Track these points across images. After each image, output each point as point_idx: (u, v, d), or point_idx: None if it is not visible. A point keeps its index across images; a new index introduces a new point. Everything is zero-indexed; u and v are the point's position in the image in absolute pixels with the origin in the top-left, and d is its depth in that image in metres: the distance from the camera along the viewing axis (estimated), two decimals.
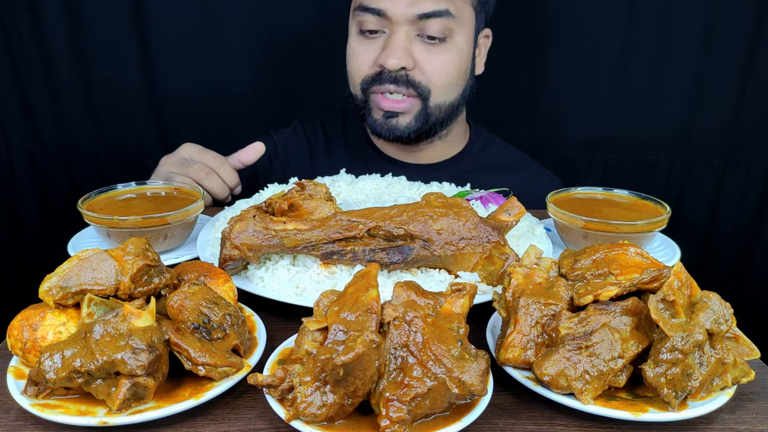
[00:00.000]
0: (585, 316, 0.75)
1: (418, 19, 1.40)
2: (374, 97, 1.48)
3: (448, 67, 1.46)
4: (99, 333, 0.69)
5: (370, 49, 1.45)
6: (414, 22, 1.40)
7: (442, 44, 1.44)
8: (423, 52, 1.43)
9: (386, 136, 1.52)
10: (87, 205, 1.15)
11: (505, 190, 1.33)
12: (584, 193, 1.26)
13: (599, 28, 1.91)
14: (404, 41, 1.41)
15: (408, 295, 0.73)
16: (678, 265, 0.76)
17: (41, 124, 1.92)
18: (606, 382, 0.73)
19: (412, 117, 1.48)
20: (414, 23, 1.40)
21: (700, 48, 1.91)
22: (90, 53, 1.86)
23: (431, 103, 1.48)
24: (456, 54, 1.46)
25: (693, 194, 2.07)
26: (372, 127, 1.53)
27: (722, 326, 0.73)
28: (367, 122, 1.53)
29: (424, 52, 1.43)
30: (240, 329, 0.80)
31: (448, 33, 1.43)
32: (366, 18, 1.42)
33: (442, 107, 1.50)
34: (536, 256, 0.87)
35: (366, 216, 0.97)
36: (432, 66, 1.44)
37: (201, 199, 1.17)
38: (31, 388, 0.71)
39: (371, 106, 1.50)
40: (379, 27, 1.43)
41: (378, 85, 1.45)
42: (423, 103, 1.47)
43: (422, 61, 1.43)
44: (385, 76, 1.43)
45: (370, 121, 1.52)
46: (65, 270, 0.77)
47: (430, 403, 0.67)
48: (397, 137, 1.51)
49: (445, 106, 1.50)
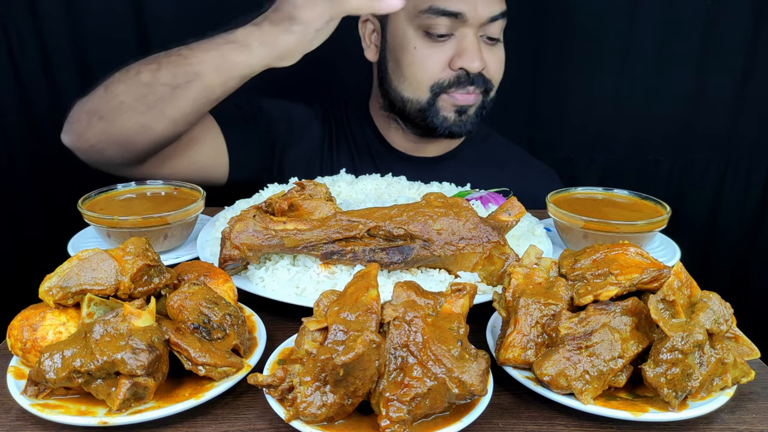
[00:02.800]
0: (585, 316, 0.75)
1: (488, 21, 1.44)
2: (446, 97, 1.51)
3: (503, 64, 1.54)
4: (99, 333, 0.69)
5: (440, 51, 1.47)
6: (484, 23, 1.44)
7: (498, 43, 1.52)
8: (487, 53, 1.49)
9: (459, 133, 1.56)
10: (87, 205, 1.15)
11: (505, 190, 1.33)
12: (584, 193, 1.26)
13: (599, 28, 1.91)
14: (479, 43, 1.46)
15: (408, 295, 0.73)
16: (678, 265, 0.76)
17: (41, 124, 1.92)
18: (606, 382, 0.73)
19: (474, 111, 1.54)
20: (483, 25, 1.45)
21: (700, 48, 1.91)
22: (90, 53, 1.85)
23: (488, 99, 1.55)
24: (503, 51, 1.55)
25: (693, 194, 2.07)
26: (441, 128, 1.54)
27: (722, 326, 0.73)
28: (434, 124, 1.53)
29: (487, 53, 1.49)
30: (240, 329, 0.80)
31: (501, 32, 1.51)
32: (438, 21, 1.44)
33: (491, 100, 1.57)
34: (536, 256, 0.87)
35: (366, 216, 0.97)
36: (495, 65, 1.52)
37: (201, 199, 1.17)
38: (31, 388, 0.71)
39: (439, 106, 1.52)
40: (450, 30, 1.45)
41: (457, 87, 1.49)
42: (483, 99, 1.54)
43: (488, 61, 1.49)
44: (464, 78, 1.47)
45: (438, 121, 1.53)
46: (65, 270, 0.77)
47: (430, 403, 0.67)
48: (467, 132, 1.56)
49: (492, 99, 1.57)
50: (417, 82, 1.50)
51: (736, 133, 1.99)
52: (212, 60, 1.21)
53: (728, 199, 2.06)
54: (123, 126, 1.27)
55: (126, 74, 1.27)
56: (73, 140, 1.34)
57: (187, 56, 1.23)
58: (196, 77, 1.23)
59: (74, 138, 1.34)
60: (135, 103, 1.25)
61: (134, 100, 1.25)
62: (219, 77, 1.23)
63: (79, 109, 1.32)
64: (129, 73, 1.27)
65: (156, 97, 1.24)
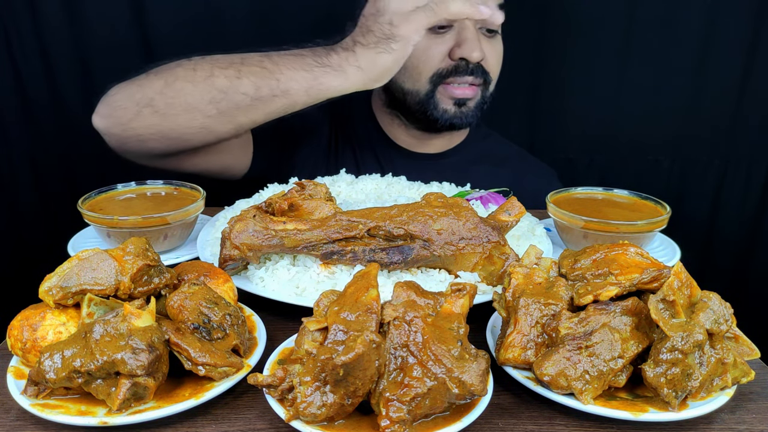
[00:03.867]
0: (585, 316, 0.75)
1: None
2: (444, 88, 1.51)
3: (501, 57, 1.55)
4: (99, 333, 0.69)
5: (441, 42, 1.47)
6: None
7: (496, 36, 1.52)
8: (485, 44, 1.49)
9: (459, 125, 1.55)
10: (87, 205, 1.15)
11: (505, 189, 1.33)
12: (584, 193, 1.26)
13: (600, 28, 1.91)
14: (478, 34, 1.46)
15: (408, 295, 0.73)
16: (678, 265, 0.76)
17: (41, 124, 1.92)
18: (606, 382, 0.73)
19: (474, 104, 1.54)
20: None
21: (700, 48, 1.91)
22: (90, 53, 1.85)
23: (487, 92, 1.55)
24: (501, 44, 1.55)
25: (693, 194, 2.07)
26: (442, 119, 1.54)
27: (722, 326, 0.73)
28: (434, 116, 1.54)
29: (486, 45, 1.49)
30: (240, 329, 0.80)
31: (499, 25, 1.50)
32: None
33: (491, 95, 1.57)
34: (536, 256, 0.87)
35: (366, 216, 0.97)
36: (493, 57, 1.52)
37: (201, 199, 1.17)
38: (31, 388, 0.71)
39: (438, 98, 1.52)
40: (449, 22, 1.45)
41: (455, 76, 1.48)
42: (483, 92, 1.54)
43: (487, 53, 1.49)
44: (463, 68, 1.47)
45: (437, 114, 1.53)
46: (65, 270, 0.77)
47: (430, 403, 0.67)
48: (468, 124, 1.56)
49: (492, 93, 1.57)
50: (417, 73, 1.50)
51: (736, 133, 1.99)
52: (304, 81, 1.22)
53: (728, 199, 2.06)
54: (184, 124, 1.25)
55: (194, 73, 1.25)
56: (111, 126, 1.30)
57: (273, 71, 1.23)
58: (284, 94, 1.23)
59: (114, 124, 1.29)
60: (205, 105, 1.24)
61: (205, 103, 1.24)
62: (308, 97, 1.24)
63: (126, 96, 1.28)
64: (197, 73, 1.25)
65: (232, 104, 1.24)
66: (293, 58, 1.24)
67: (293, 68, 1.22)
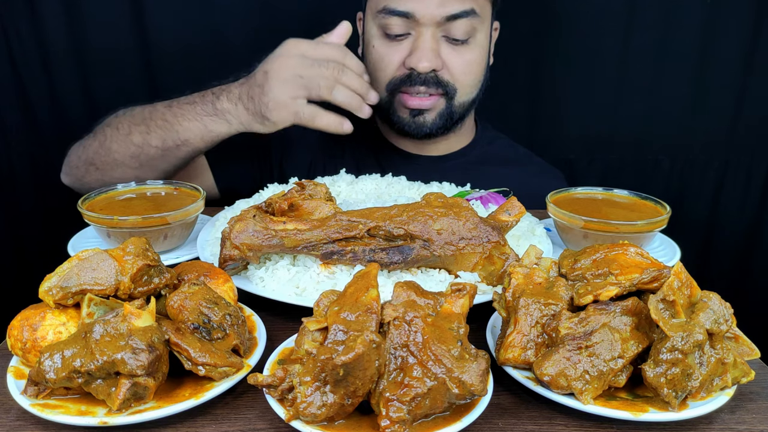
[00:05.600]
0: (585, 316, 0.75)
1: (445, 20, 1.40)
2: (400, 97, 1.50)
3: (473, 66, 1.49)
4: (99, 333, 0.69)
5: (396, 50, 1.46)
6: (441, 23, 1.41)
7: (466, 44, 1.46)
8: (450, 53, 1.45)
9: (415, 134, 1.54)
10: (87, 205, 1.15)
11: (505, 190, 1.33)
12: (584, 193, 1.26)
13: (600, 28, 1.91)
14: (432, 43, 1.42)
15: (408, 295, 0.73)
16: (678, 265, 0.76)
17: (41, 124, 1.92)
18: (606, 382, 0.73)
19: (436, 114, 1.51)
20: (441, 24, 1.41)
21: (700, 48, 1.91)
22: (90, 53, 1.86)
23: (456, 101, 1.51)
24: (479, 52, 1.49)
25: (693, 194, 2.07)
26: (399, 126, 1.54)
27: (722, 326, 0.73)
28: (393, 121, 1.54)
29: (450, 53, 1.45)
30: (240, 329, 0.80)
31: (472, 33, 1.45)
32: (392, 21, 1.42)
33: (465, 104, 1.53)
34: (536, 256, 0.87)
35: (366, 216, 0.97)
36: (459, 67, 1.47)
37: (201, 199, 1.17)
38: (31, 388, 0.71)
39: (396, 105, 1.51)
40: (405, 30, 1.43)
41: (408, 86, 1.47)
42: (448, 102, 1.50)
43: (449, 62, 1.45)
44: (414, 77, 1.45)
45: (396, 119, 1.53)
46: (65, 270, 0.77)
47: (430, 403, 0.67)
48: (425, 134, 1.54)
49: (468, 103, 1.54)
50: (375, 80, 1.50)
51: (736, 133, 1.99)
52: (197, 130, 1.36)
53: (728, 199, 2.06)
54: (119, 177, 1.41)
55: (117, 132, 1.41)
56: (71, 182, 1.53)
57: (173, 123, 1.36)
58: (184, 143, 1.37)
59: (73, 181, 1.52)
60: (128, 160, 1.40)
61: (128, 158, 1.40)
62: (204, 143, 1.38)
63: (76, 156, 1.48)
64: (119, 132, 1.40)
65: (148, 156, 1.39)
66: (189, 107, 1.37)
67: (188, 119, 1.36)
